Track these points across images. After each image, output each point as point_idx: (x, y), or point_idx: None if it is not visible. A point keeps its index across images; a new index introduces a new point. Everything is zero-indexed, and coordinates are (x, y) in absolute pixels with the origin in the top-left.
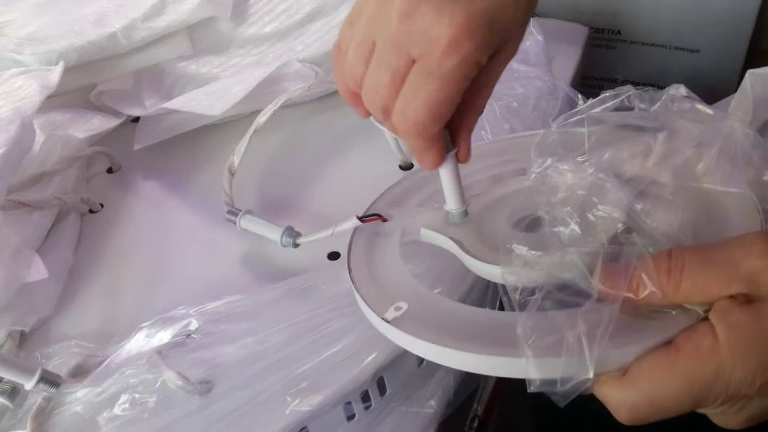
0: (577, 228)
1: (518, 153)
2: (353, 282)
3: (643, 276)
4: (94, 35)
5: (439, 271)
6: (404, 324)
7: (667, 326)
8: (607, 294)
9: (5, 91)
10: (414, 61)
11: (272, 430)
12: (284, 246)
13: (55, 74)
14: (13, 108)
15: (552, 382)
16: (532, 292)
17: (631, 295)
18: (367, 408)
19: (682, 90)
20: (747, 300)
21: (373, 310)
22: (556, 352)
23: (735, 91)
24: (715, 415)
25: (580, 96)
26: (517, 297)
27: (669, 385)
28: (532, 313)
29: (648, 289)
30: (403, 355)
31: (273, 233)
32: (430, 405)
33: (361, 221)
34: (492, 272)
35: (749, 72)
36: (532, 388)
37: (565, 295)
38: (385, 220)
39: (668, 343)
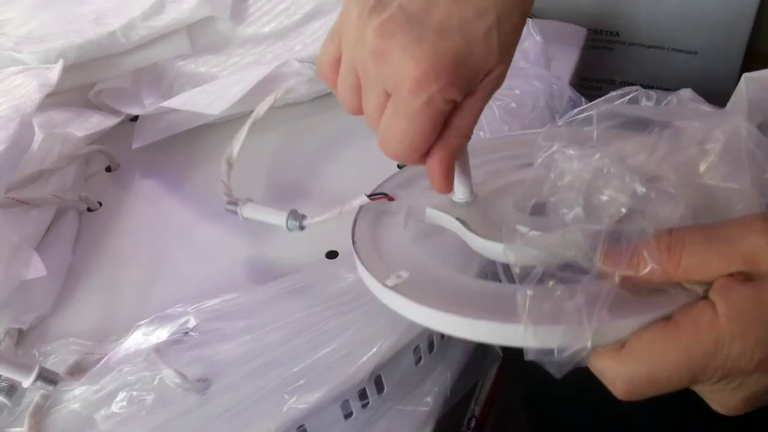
0: (581, 211)
1: (522, 149)
2: (356, 252)
3: (644, 253)
4: (93, 34)
5: (444, 253)
6: (404, 291)
7: (667, 303)
8: (608, 272)
9: (4, 89)
10: (390, 95)
11: (270, 428)
12: (290, 230)
13: (54, 72)
14: (13, 106)
15: (549, 352)
16: (534, 269)
17: (631, 272)
18: (364, 406)
19: (688, 94)
20: (747, 278)
21: (374, 277)
22: (555, 321)
23: (732, 92)
24: (713, 393)
25: (583, 99)
26: (518, 271)
27: (667, 358)
28: (532, 285)
29: (649, 265)
30: (401, 353)
31: (277, 218)
32: (427, 403)
33: (370, 198)
34: (494, 249)
35: (744, 75)
36: (528, 356)
37: (567, 274)
38: (392, 199)
39: (667, 318)
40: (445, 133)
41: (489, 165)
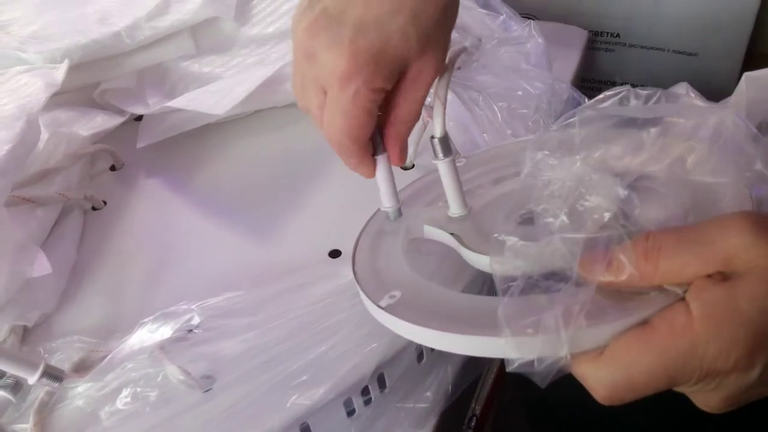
0: (565, 218)
1: (522, 155)
2: (355, 275)
3: (622, 258)
4: (98, 34)
5: (440, 268)
6: (396, 310)
7: (645, 307)
8: (587, 278)
9: (11, 89)
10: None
11: (273, 424)
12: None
13: (59, 72)
14: (19, 105)
15: (530, 363)
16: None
17: (611, 277)
18: (366, 403)
19: (682, 89)
20: (725, 278)
21: (369, 298)
22: (533, 332)
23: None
24: (694, 393)
25: (585, 99)
26: (502, 284)
27: (644, 362)
28: (514, 297)
29: (627, 270)
30: (403, 350)
31: None
32: (428, 398)
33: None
34: (483, 262)
35: (745, 75)
36: (510, 368)
37: (551, 282)
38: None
39: (645, 322)
40: (390, 120)
41: (490, 174)
